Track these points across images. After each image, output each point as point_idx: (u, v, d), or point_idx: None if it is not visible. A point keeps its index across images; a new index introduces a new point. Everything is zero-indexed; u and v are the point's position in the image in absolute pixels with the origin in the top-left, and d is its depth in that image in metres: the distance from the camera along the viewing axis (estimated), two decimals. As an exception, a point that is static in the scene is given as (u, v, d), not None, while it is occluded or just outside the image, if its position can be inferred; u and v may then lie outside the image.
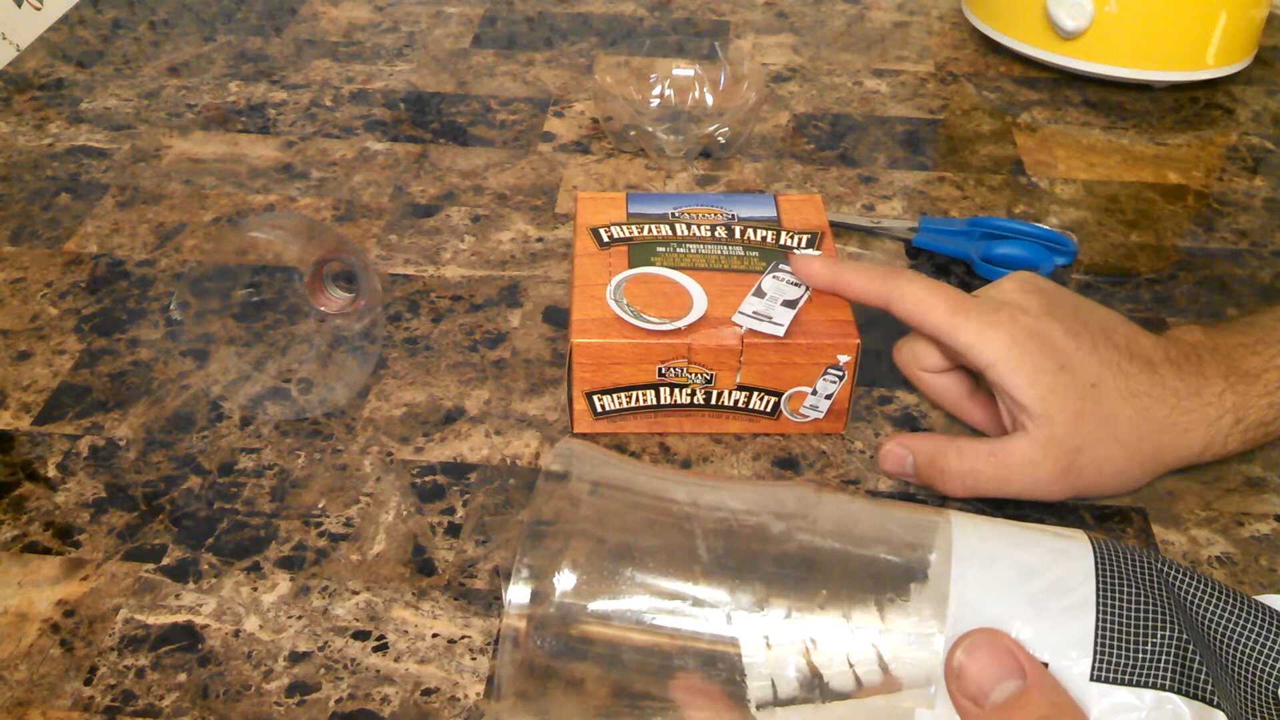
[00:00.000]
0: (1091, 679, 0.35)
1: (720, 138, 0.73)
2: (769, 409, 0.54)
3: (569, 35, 0.89)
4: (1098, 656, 0.35)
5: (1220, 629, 0.36)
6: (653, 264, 0.56)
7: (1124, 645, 0.35)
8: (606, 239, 0.57)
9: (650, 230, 0.58)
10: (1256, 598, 0.37)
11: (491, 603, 0.48)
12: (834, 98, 0.81)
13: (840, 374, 0.53)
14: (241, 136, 0.77)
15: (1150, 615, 0.35)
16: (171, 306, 0.53)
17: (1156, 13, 0.78)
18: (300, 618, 0.47)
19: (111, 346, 0.60)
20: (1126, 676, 0.35)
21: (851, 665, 0.35)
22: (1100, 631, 0.35)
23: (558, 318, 0.62)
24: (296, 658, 0.45)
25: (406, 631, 0.46)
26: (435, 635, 0.46)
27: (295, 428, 0.55)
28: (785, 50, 0.87)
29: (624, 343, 0.52)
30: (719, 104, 0.76)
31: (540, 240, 0.67)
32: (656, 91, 0.77)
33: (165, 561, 0.49)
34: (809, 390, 0.53)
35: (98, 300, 0.63)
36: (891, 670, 0.35)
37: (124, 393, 0.57)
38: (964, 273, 0.65)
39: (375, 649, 0.46)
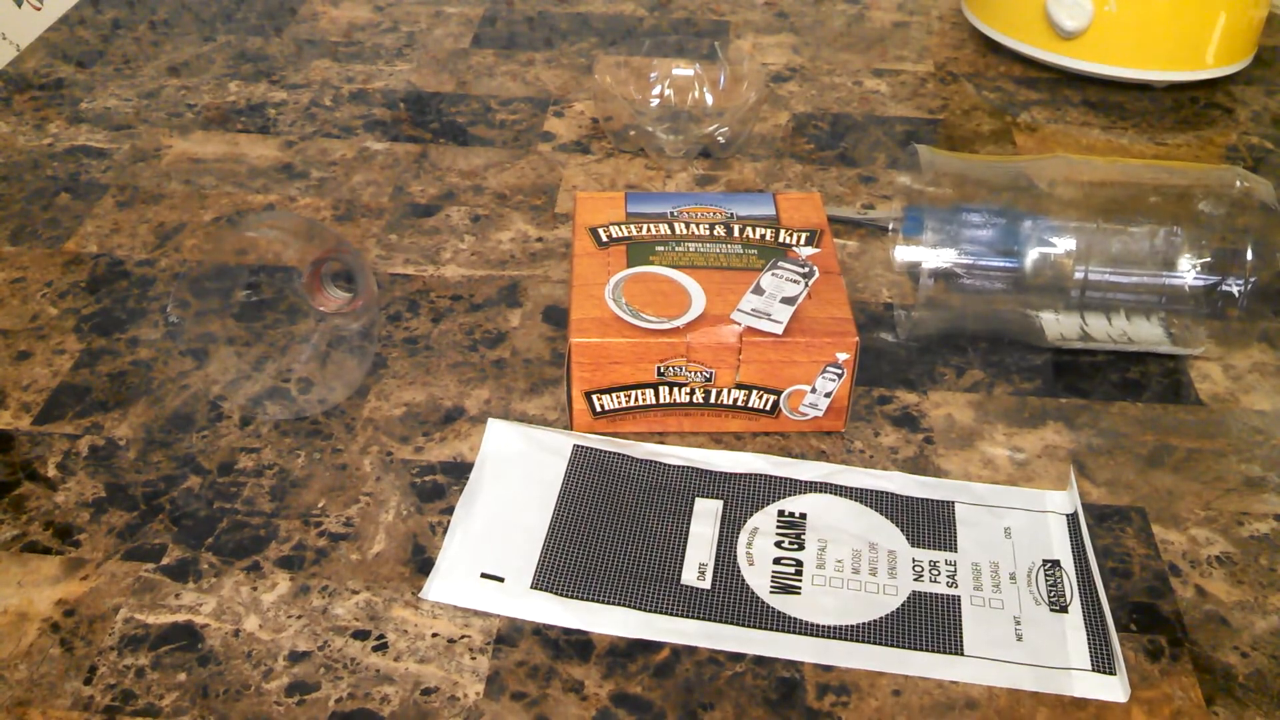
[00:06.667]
0: None
1: (720, 138, 0.73)
2: (768, 407, 0.54)
3: (569, 35, 0.89)
4: None
5: None
6: (651, 263, 0.56)
7: None
8: (605, 238, 0.57)
9: (649, 229, 0.58)
10: None
11: (491, 602, 0.48)
12: (834, 97, 0.81)
13: (839, 372, 0.53)
14: (241, 136, 0.77)
15: None
16: (169, 308, 0.53)
17: (1156, 13, 0.78)
18: (300, 617, 0.47)
19: (111, 346, 0.60)
20: None
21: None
22: None
23: (557, 317, 0.62)
24: (296, 657, 0.45)
25: (406, 631, 0.46)
26: (435, 635, 0.46)
27: (295, 427, 0.55)
28: (785, 50, 0.87)
29: (623, 342, 0.52)
30: (719, 104, 0.76)
31: (540, 240, 0.67)
32: (656, 91, 0.77)
33: (165, 561, 0.49)
34: (808, 388, 0.53)
35: (98, 300, 0.63)
36: None
37: (124, 393, 0.57)
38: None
39: (375, 648, 0.46)
